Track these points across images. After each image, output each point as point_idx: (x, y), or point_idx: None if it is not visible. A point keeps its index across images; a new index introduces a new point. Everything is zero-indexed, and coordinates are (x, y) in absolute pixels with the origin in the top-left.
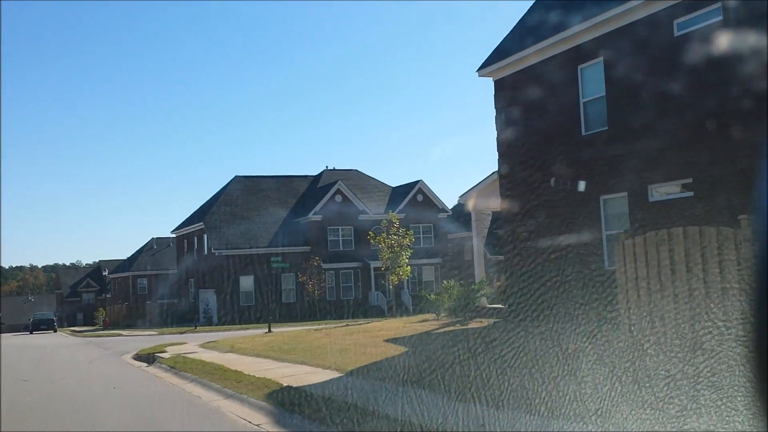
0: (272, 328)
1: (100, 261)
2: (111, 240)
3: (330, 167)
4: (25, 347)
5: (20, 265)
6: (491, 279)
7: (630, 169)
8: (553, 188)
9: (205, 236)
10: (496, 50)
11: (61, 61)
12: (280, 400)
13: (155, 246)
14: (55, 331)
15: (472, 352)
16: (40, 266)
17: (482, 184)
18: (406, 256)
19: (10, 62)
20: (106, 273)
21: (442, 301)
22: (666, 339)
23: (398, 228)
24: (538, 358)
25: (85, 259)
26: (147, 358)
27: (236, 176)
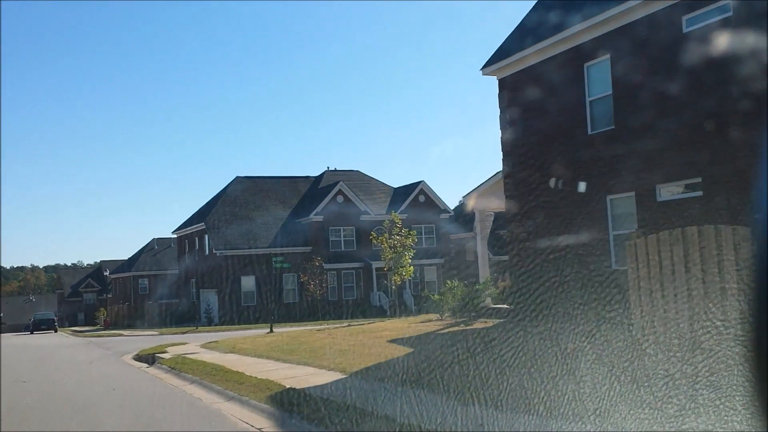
0: (274, 328)
1: (102, 261)
2: (112, 240)
3: (331, 168)
4: (25, 347)
5: (21, 266)
6: (494, 279)
7: (637, 169)
8: (559, 188)
9: (206, 236)
10: (500, 48)
11: (61, 61)
12: (282, 402)
13: (156, 246)
14: (55, 331)
15: (481, 353)
16: (41, 266)
17: (485, 185)
18: (409, 257)
19: (10, 62)
20: (107, 273)
21: (446, 302)
22: (680, 339)
23: (401, 228)
24: (551, 359)
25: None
26: (148, 358)
27: (237, 177)
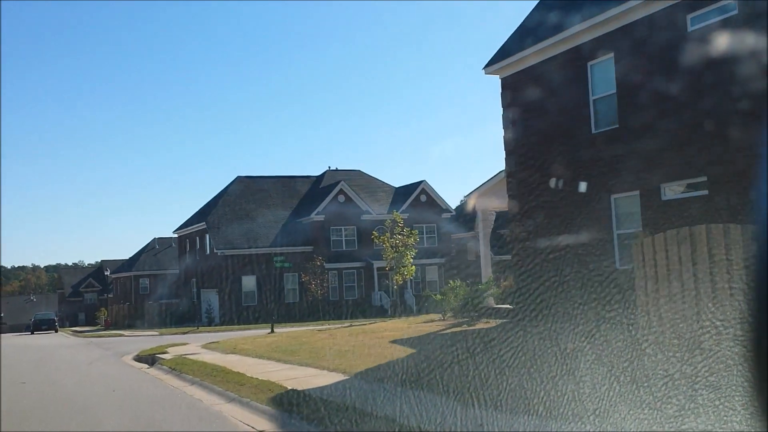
0: (275, 328)
1: (102, 261)
2: (113, 240)
3: (332, 167)
4: (25, 347)
5: (22, 265)
6: (497, 279)
7: (638, 168)
8: (560, 187)
9: (207, 236)
10: (502, 48)
11: (61, 61)
12: (283, 404)
13: (157, 246)
14: (56, 331)
15: (484, 353)
16: (42, 266)
17: (487, 185)
18: (411, 256)
19: (10, 62)
20: (108, 273)
21: (448, 301)
22: (688, 338)
23: (402, 227)
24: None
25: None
26: (148, 359)
27: (238, 176)
